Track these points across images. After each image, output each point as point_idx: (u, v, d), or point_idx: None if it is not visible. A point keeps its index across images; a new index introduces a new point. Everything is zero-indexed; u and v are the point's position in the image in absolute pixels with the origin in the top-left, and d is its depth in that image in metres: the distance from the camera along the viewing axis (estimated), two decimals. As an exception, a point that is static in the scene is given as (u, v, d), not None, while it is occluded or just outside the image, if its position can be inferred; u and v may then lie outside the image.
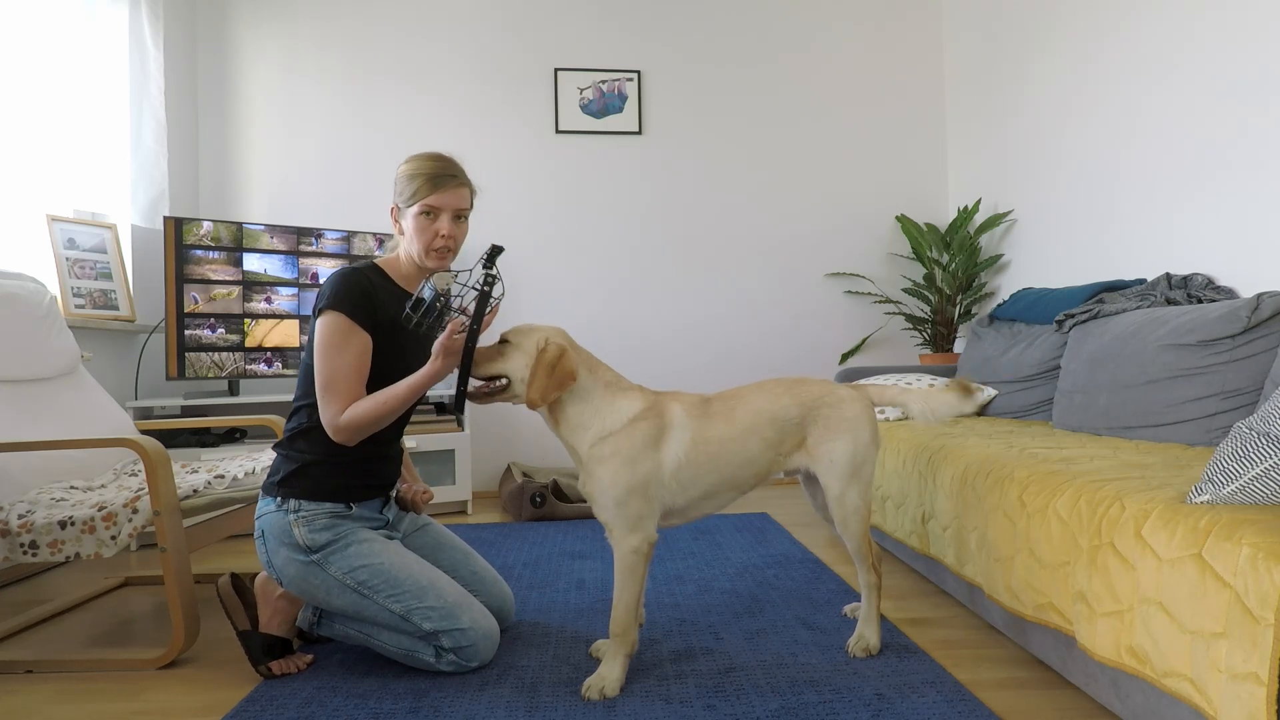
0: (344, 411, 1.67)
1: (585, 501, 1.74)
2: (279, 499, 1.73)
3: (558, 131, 4.14)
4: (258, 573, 1.87)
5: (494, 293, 1.60)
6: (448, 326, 1.63)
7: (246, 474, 2.22)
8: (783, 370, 4.23)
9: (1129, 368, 2.27)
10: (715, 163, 4.26)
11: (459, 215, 1.81)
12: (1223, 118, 2.44)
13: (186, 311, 3.28)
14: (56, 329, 2.43)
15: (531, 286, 4.07)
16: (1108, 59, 2.98)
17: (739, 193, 4.27)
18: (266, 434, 3.49)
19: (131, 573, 2.63)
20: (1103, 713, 1.53)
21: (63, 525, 1.80)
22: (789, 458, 1.79)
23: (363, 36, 4.03)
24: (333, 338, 1.69)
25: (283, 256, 3.52)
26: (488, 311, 1.61)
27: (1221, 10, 2.44)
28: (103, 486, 2.16)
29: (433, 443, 3.48)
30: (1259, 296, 2.03)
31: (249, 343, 3.45)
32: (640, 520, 1.65)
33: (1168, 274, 2.58)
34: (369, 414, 1.68)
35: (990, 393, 2.98)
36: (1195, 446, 2.01)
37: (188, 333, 3.29)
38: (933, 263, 4.06)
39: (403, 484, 2.00)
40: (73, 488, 2.08)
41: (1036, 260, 3.54)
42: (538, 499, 3.36)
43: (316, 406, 1.72)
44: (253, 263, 3.44)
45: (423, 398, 1.86)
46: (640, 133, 4.19)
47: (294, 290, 3.55)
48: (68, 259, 3.08)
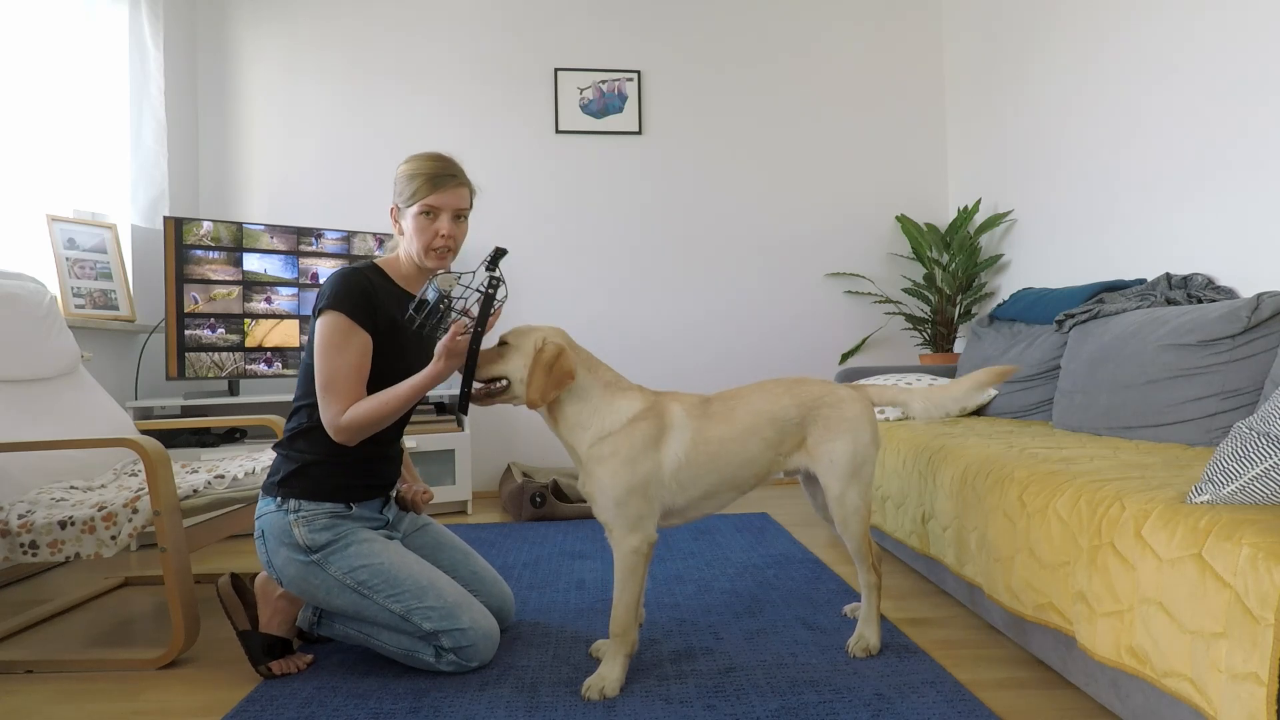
0: (345, 411, 1.68)
1: (585, 501, 1.74)
2: (279, 499, 1.73)
3: (558, 131, 4.14)
4: (258, 573, 1.87)
5: (497, 295, 1.60)
6: (451, 328, 1.64)
7: (246, 474, 2.22)
8: (783, 370, 4.23)
9: (1129, 368, 2.27)
10: (715, 163, 4.26)
11: (459, 215, 1.82)
12: (1223, 118, 2.44)
13: (186, 311, 3.29)
14: (56, 329, 2.43)
15: (531, 286, 4.07)
16: (1108, 59, 2.98)
17: (739, 193, 4.27)
18: (266, 434, 3.49)
19: (131, 573, 2.63)
20: (1103, 713, 1.53)
21: (63, 525, 1.80)
22: (789, 458, 1.79)
23: (363, 36, 4.03)
24: (333, 337, 1.70)
25: (283, 256, 3.52)
26: (491, 314, 1.61)
27: (1221, 10, 2.44)
28: (103, 486, 2.16)
29: (433, 443, 3.48)
30: (1259, 296, 2.03)
31: (249, 343, 3.45)
32: (640, 520, 1.65)
33: (1168, 274, 2.58)
34: (370, 414, 1.68)
35: (990, 392, 2.98)
36: (1195, 446, 2.01)
37: (188, 333, 3.29)
38: (933, 263, 4.06)
39: (403, 484, 2.00)
40: (73, 488, 2.08)
41: (1036, 260, 3.54)
42: (538, 499, 3.36)
43: (316, 406, 1.73)
44: (253, 263, 3.44)
45: (423, 398, 1.86)
46: (640, 133, 4.19)
47: (294, 290, 3.55)
48: (68, 259, 3.08)
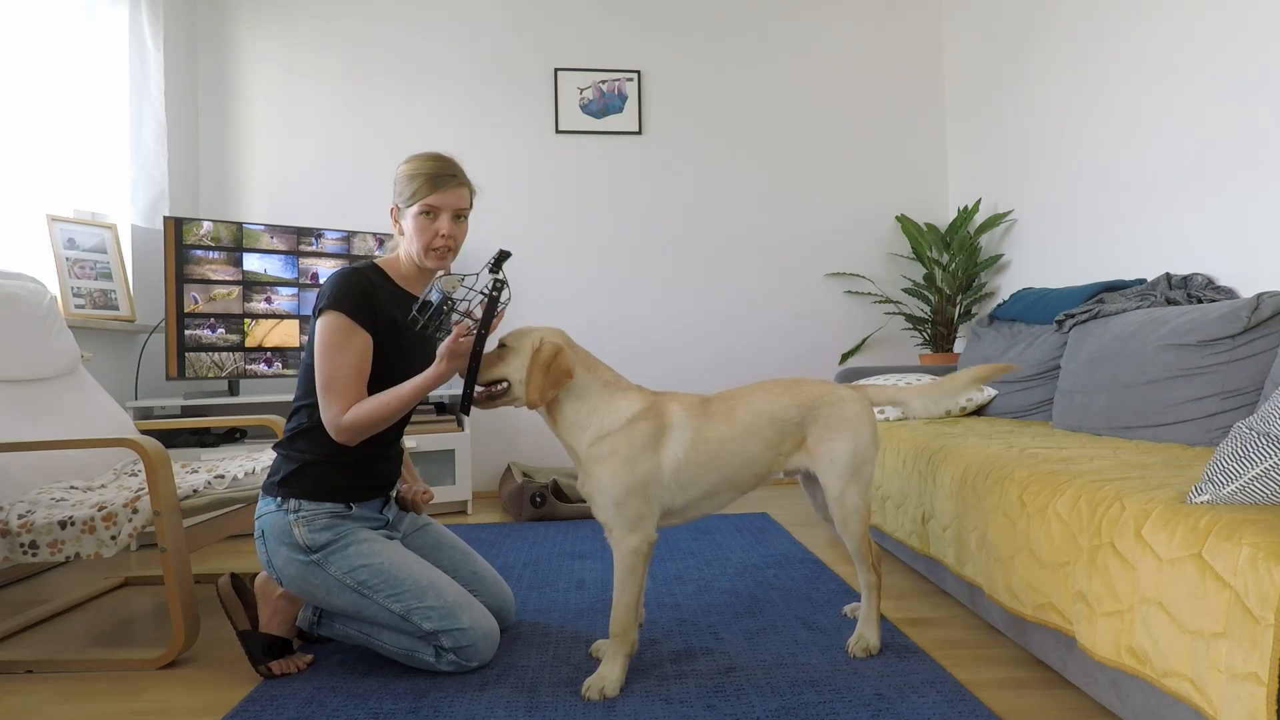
0: (346, 411, 1.68)
1: (585, 501, 1.73)
2: (279, 499, 1.73)
3: (558, 131, 4.14)
4: (258, 573, 1.87)
5: (501, 298, 1.60)
6: (454, 330, 1.64)
7: (246, 474, 2.22)
8: (783, 370, 4.23)
9: (1129, 368, 2.27)
10: (715, 163, 4.26)
11: (459, 215, 1.82)
12: (1223, 118, 2.44)
13: (186, 311, 3.28)
14: (56, 329, 2.43)
15: (531, 287, 4.07)
16: (1108, 59, 2.98)
17: (739, 193, 4.27)
18: (266, 434, 3.49)
19: (131, 573, 2.63)
20: (1103, 713, 1.53)
21: (63, 525, 1.80)
22: (789, 458, 1.79)
23: (363, 36, 4.03)
24: (333, 337, 1.70)
25: (283, 256, 3.52)
26: (494, 316, 1.61)
27: (1221, 10, 2.44)
28: (103, 486, 2.16)
29: (433, 443, 3.48)
30: (1259, 296, 2.03)
31: (249, 343, 3.45)
32: (639, 520, 1.65)
33: (1168, 274, 2.58)
34: (372, 414, 1.68)
35: (990, 393, 2.98)
36: (1195, 446, 2.01)
37: (188, 333, 3.29)
38: (933, 263, 4.06)
39: (403, 484, 2.00)
40: (73, 488, 2.08)
41: (1036, 260, 3.54)
42: (538, 499, 3.36)
43: (317, 406, 1.73)
44: (253, 263, 3.44)
45: (424, 398, 1.86)
46: (640, 133, 4.19)
47: (294, 290, 3.55)
48: (68, 259, 3.08)
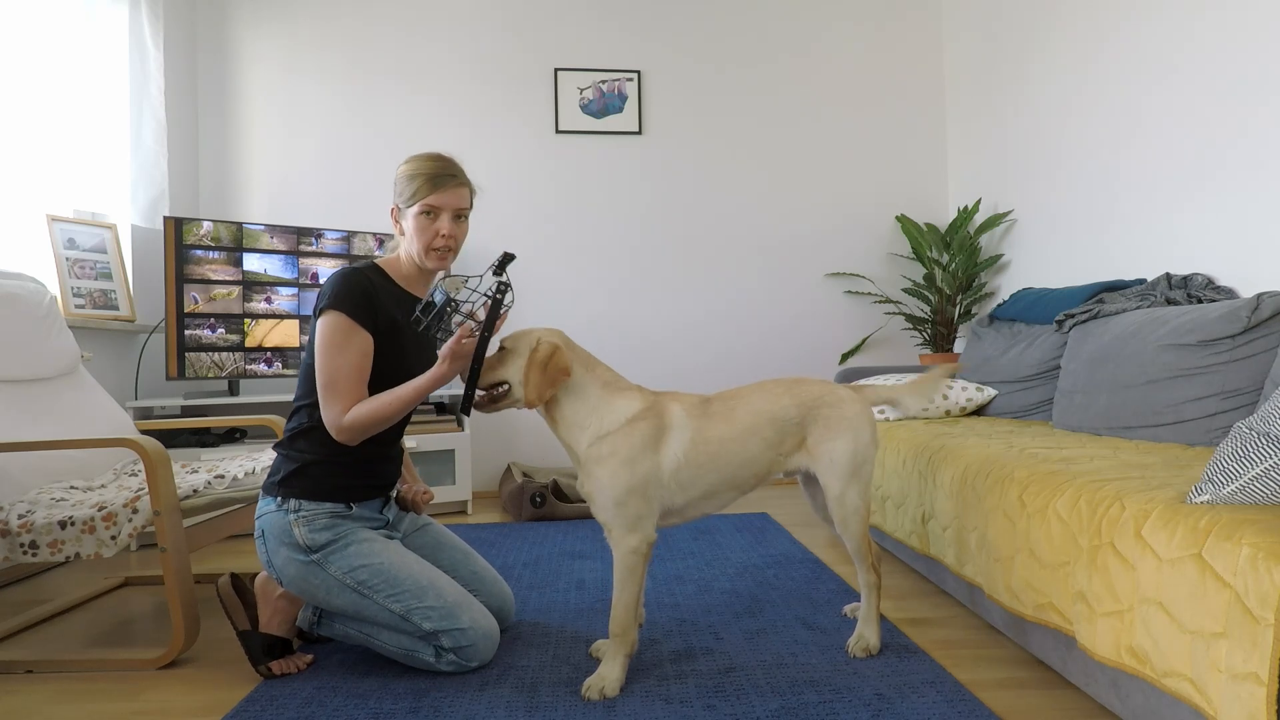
0: (347, 411, 1.68)
1: (585, 501, 1.73)
2: (279, 499, 1.73)
3: (558, 131, 4.14)
4: (258, 573, 1.87)
5: (504, 300, 1.61)
6: (457, 331, 1.64)
7: (246, 474, 2.22)
8: (783, 370, 4.23)
9: (1129, 368, 2.27)
10: (715, 163, 4.26)
11: (459, 215, 1.82)
12: (1223, 118, 2.44)
13: (186, 311, 3.28)
14: (56, 329, 2.43)
15: (531, 286, 4.07)
16: (1108, 59, 2.98)
17: (739, 193, 4.27)
18: (266, 434, 3.49)
19: (131, 573, 2.63)
20: (1103, 713, 1.53)
21: (63, 525, 1.80)
22: (789, 458, 1.79)
23: (363, 36, 4.03)
24: (334, 337, 1.70)
25: (283, 256, 3.52)
26: (497, 318, 1.62)
27: (1221, 10, 2.44)
28: (103, 486, 2.16)
29: (433, 443, 3.48)
30: (1259, 296, 2.03)
31: (249, 343, 3.45)
32: (639, 520, 1.65)
33: (1168, 274, 2.58)
34: (373, 414, 1.68)
35: (990, 393, 2.98)
36: (1195, 446, 2.01)
37: (188, 333, 3.29)
38: (933, 263, 4.06)
39: (403, 484, 2.00)
40: (73, 488, 2.08)
41: (1036, 260, 3.54)
42: (538, 499, 3.36)
43: (317, 406, 1.73)
44: (253, 263, 3.44)
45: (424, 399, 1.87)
46: (640, 133, 4.19)
47: (294, 290, 3.55)
48: (68, 259, 3.08)
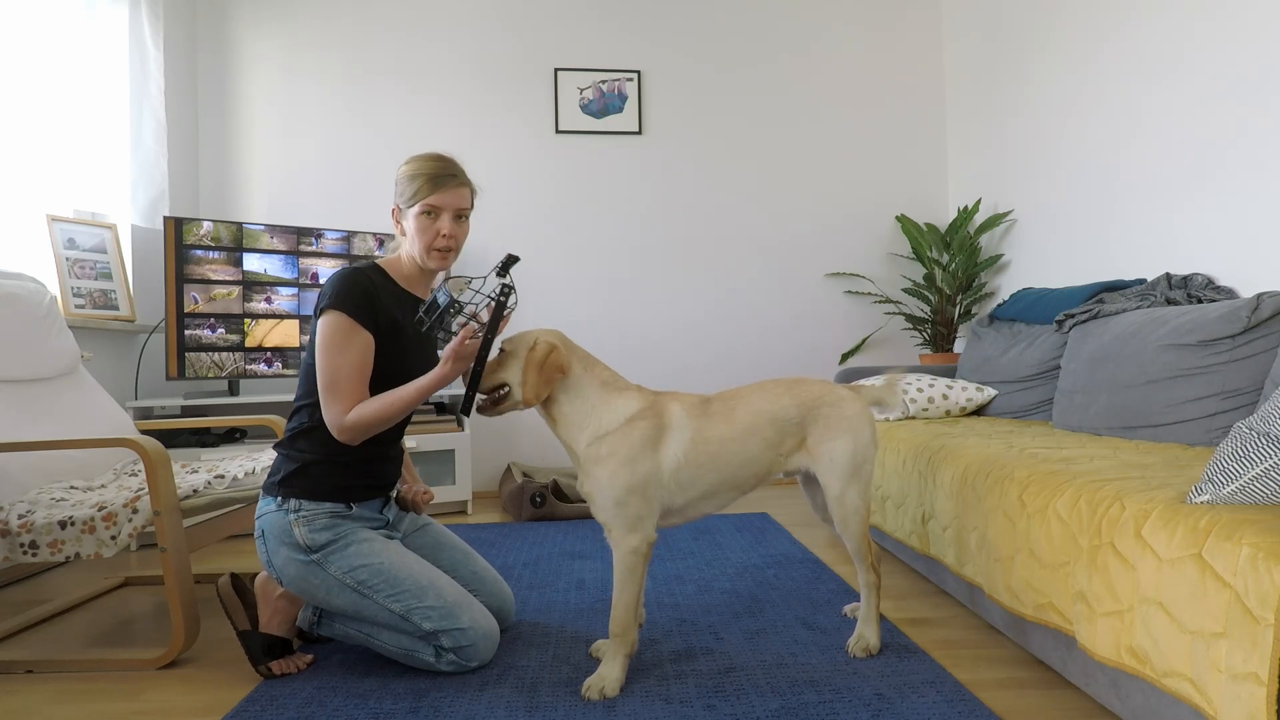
0: (349, 411, 1.68)
1: (585, 501, 1.73)
2: (279, 498, 1.73)
3: (558, 131, 4.14)
4: (258, 573, 1.87)
5: (508, 303, 1.61)
6: (460, 332, 1.64)
7: (246, 474, 2.22)
8: (783, 370, 4.23)
9: (1129, 368, 2.27)
10: (715, 163, 4.26)
11: (460, 215, 1.82)
12: (1223, 118, 2.44)
13: (186, 311, 3.28)
14: (56, 329, 2.43)
15: (531, 286, 4.07)
16: (1108, 59, 2.98)
17: (739, 193, 4.27)
18: (266, 434, 3.49)
19: (131, 573, 2.63)
20: (1103, 713, 1.53)
21: (63, 525, 1.80)
22: (789, 458, 1.80)
23: (363, 36, 4.03)
24: (334, 337, 1.70)
25: (283, 256, 3.52)
26: (501, 320, 1.62)
27: (1221, 10, 2.44)
28: (103, 486, 2.16)
29: (433, 443, 3.48)
30: (1259, 296, 2.03)
31: (249, 343, 3.45)
32: (639, 520, 1.65)
33: (1168, 274, 2.58)
34: (375, 415, 1.68)
35: (990, 393, 2.98)
36: (1195, 446, 2.01)
37: (188, 333, 3.29)
38: (933, 263, 4.06)
39: (403, 484, 2.00)
40: (73, 488, 2.08)
41: (1036, 260, 3.54)
42: (538, 499, 3.36)
43: (318, 406, 1.73)
44: (253, 263, 3.44)
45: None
46: (640, 133, 4.19)
47: (294, 290, 3.55)
48: (68, 259, 3.08)
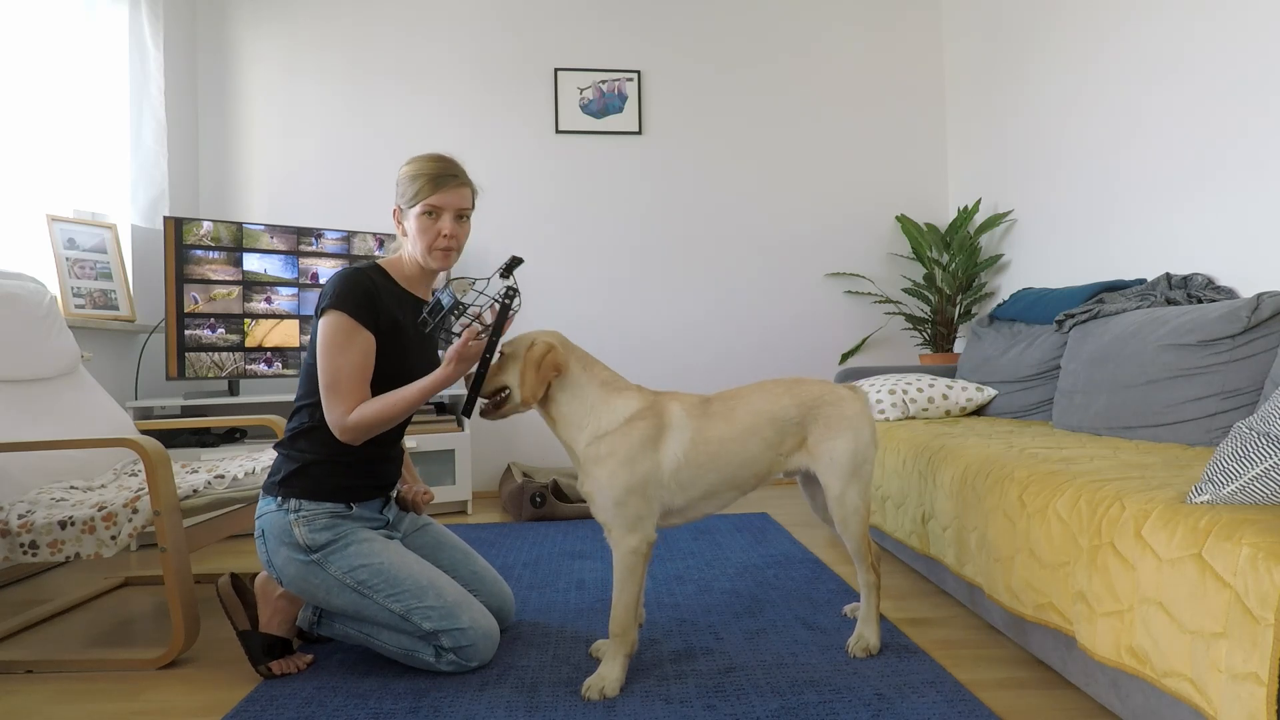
0: (351, 412, 1.68)
1: (585, 501, 1.74)
2: (279, 498, 1.73)
3: (558, 131, 4.14)
4: (258, 573, 1.87)
5: (512, 305, 1.62)
6: (463, 333, 1.64)
7: (246, 474, 2.22)
8: (783, 370, 4.23)
9: (1129, 368, 2.27)
10: (715, 163, 4.26)
11: (461, 215, 1.82)
12: (1223, 118, 2.44)
13: (186, 311, 3.28)
14: (56, 329, 2.43)
15: (531, 286, 4.07)
16: (1108, 59, 2.98)
17: (739, 193, 4.27)
18: (266, 434, 3.49)
19: (131, 573, 2.63)
20: (1103, 713, 1.53)
21: (63, 525, 1.80)
22: (789, 458, 1.80)
23: (363, 36, 4.03)
24: (336, 337, 1.70)
25: (283, 256, 3.52)
26: (505, 322, 1.62)
27: (1221, 10, 2.44)
28: (103, 486, 2.16)
29: (433, 443, 3.48)
30: (1259, 296, 2.03)
31: (249, 343, 3.45)
32: (639, 520, 1.65)
33: (1168, 274, 2.58)
34: (377, 415, 1.68)
35: (990, 393, 2.98)
36: (1195, 446, 2.01)
37: (188, 333, 3.29)
38: (933, 263, 4.06)
39: (403, 484, 2.00)
40: (73, 488, 2.08)
41: (1036, 260, 3.54)
42: (538, 499, 3.36)
43: (318, 406, 1.73)
44: (253, 263, 3.44)
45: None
46: (640, 133, 4.19)
47: (294, 290, 3.55)
48: (68, 259, 3.08)
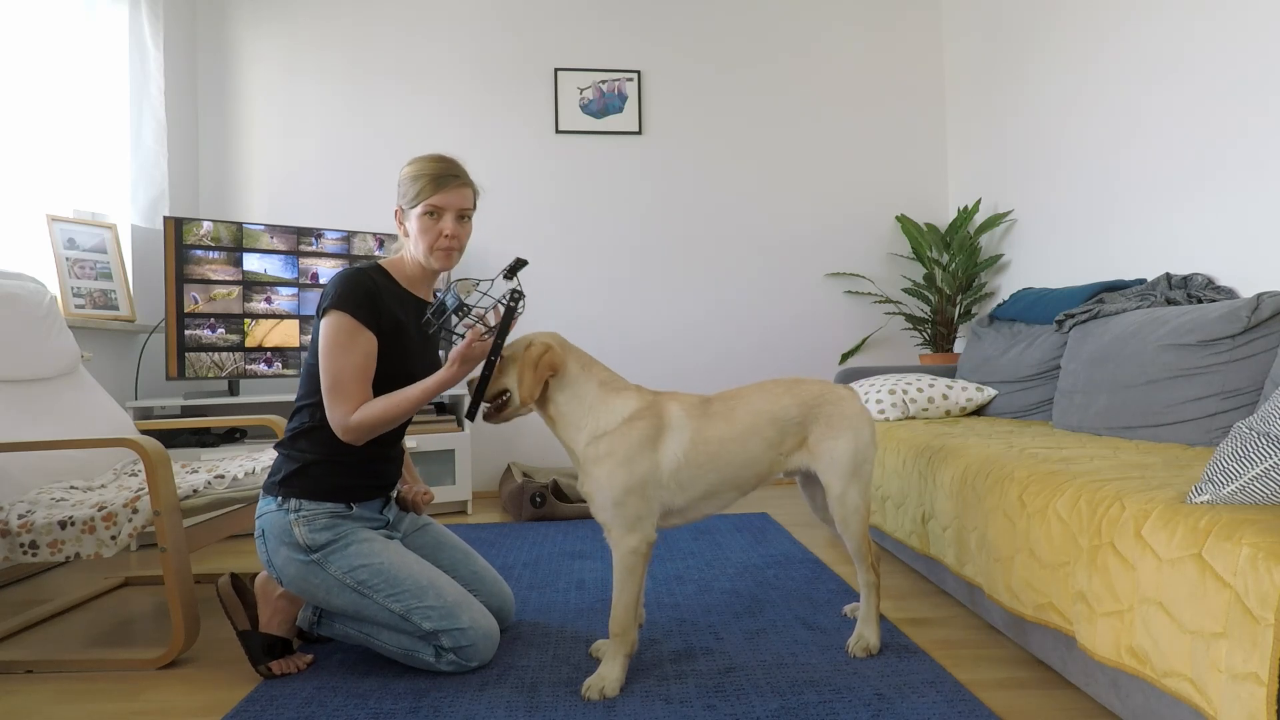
0: (354, 412, 1.68)
1: (585, 501, 1.74)
2: (280, 498, 1.73)
3: (558, 131, 4.14)
4: (258, 573, 1.87)
5: (517, 308, 1.62)
6: (467, 334, 1.64)
7: (246, 474, 2.22)
8: (783, 370, 4.23)
9: (1129, 368, 2.27)
10: (715, 163, 4.26)
11: (462, 215, 1.82)
12: (1223, 118, 2.44)
13: (186, 311, 3.28)
14: (56, 329, 2.43)
15: (532, 286, 4.06)
16: (1108, 59, 2.98)
17: (739, 193, 4.27)
18: (266, 434, 3.49)
19: (131, 573, 2.63)
20: (1103, 713, 1.53)
21: (63, 525, 1.80)
22: (789, 458, 1.80)
23: (363, 36, 4.03)
24: (338, 337, 1.70)
25: (283, 256, 3.52)
26: (510, 324, 1.62)
27: (1221, 10, 2.44)
28: (103, 486, 2.16)
29: (433, 443, 3.48)
30: (1259, 296, 2.03)
31: (249, 343, 3.45)
32: (638, 520, 1.65)
33: (1168, 274, 2.58)
34: (380, 415, 1.68)
35: (990, 393, 2.98)
36: (1195, 446, 2.01)
37: (188, 333, 3.29)
38: (933, 263, 4.06)
39: (403, 484, 2.01)
40: (73, 488, 2.08)
41: (1036, 260, 3.54)
42: (538, 499, 3.36)
43: (319, 406, 1.73)
44: (253, 263, 3.44)
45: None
46: (640, 133, 4.19)
47: (294, 290, 3.55)
48: (68, 259, 3.08)
